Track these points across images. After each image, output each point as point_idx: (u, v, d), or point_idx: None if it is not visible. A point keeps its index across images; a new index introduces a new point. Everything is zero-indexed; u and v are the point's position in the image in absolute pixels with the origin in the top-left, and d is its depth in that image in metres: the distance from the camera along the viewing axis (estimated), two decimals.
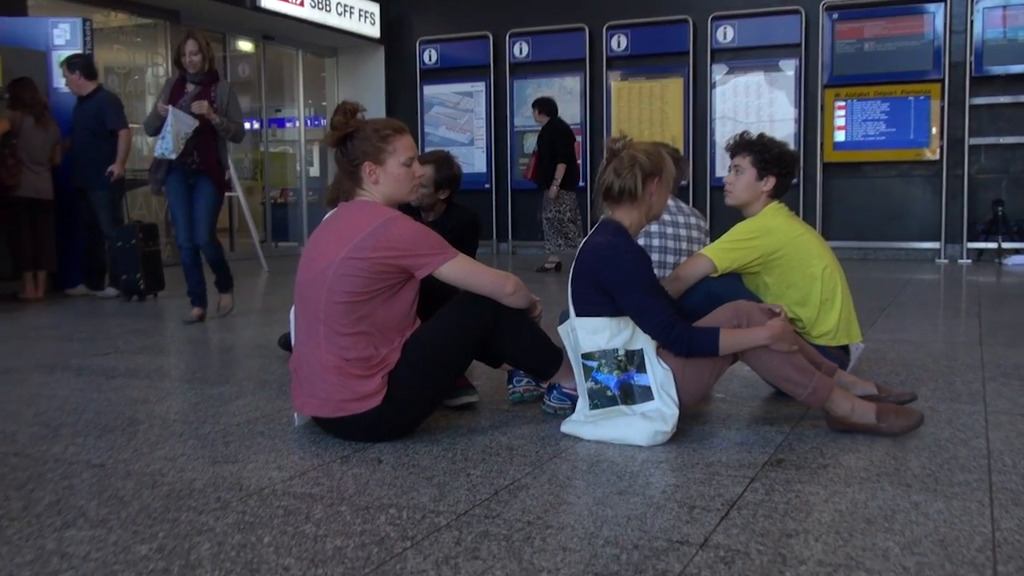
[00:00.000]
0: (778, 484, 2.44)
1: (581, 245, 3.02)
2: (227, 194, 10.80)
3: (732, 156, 3.65)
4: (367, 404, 2.78)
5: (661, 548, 1.99)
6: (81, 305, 6.97)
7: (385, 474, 2.55)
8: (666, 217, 3.87)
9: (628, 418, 2.84)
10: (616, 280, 2.87)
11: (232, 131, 5.82)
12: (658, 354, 2.89)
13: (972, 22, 10.18)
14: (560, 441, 2.88)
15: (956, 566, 1.89)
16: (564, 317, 3.15)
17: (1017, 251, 10.03)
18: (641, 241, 3.93)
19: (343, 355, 2.78)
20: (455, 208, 4.28)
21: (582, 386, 2.95)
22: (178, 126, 5.55)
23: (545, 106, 9.50)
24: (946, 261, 10.28)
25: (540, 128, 9.50)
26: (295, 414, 3.05)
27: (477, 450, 2.80)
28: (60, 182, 7.39)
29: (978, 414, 3.20)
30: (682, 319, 2.87)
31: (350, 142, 2.92)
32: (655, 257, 3.94)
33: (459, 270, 2.87)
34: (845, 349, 3.57)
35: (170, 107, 5.53)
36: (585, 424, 2.90)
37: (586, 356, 2.91)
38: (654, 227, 3.87)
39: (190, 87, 5.73)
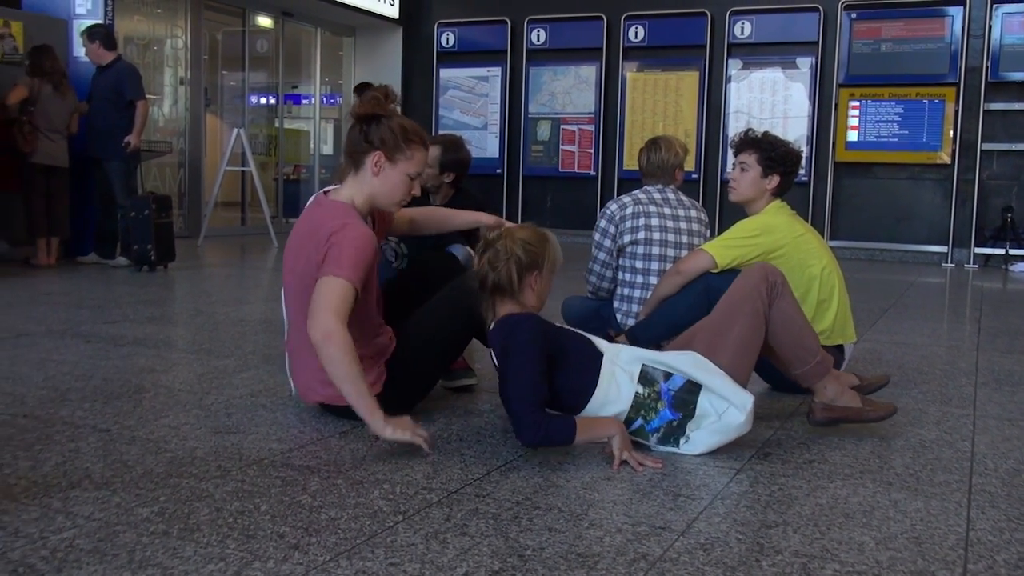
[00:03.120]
0: (763, 477, 2.51)
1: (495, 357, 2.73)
2: (240, 168, 10.97)
3: (737, 153, 3.71)
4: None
5: (643, 533, 2.06)
6: (92, 273, 7.06)
7: (381, 450, 2.62)
8: (666, 210, 3.93)
9: (719, 422, 2.64)
10: (512, 347, 2.60)
11: None
12: (665, 348, 2.91)
13: (990, 27, 10.17)
14: None
15: (928, 562, 1.95)
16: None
17: None
18: (641, 235, 3.96)
19: None
20: (463, 194, 4.34)
21: (650, 444, 2.68)
22: None
23: (362, 92, 9.88)
24: (952, 265, 10.30)
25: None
26: (293, 386, 3.11)
27: (472, 431, 2.87)
28: (76, 151, 7.47)
29: (967, 418, 3.26)
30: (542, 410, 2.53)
31: (374, 124, 2.81)
32: (655, 250, 3.97)
33: (323, 290, 2.64)
34: (840, 349, 3.63)
35: None
36: (686, 445, 2.66)
37: (628, 423, 2.66)
38: (654, 220, 3.92)
39: None
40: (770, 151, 3.62)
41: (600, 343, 2.79)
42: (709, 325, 2.90)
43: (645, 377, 2.67)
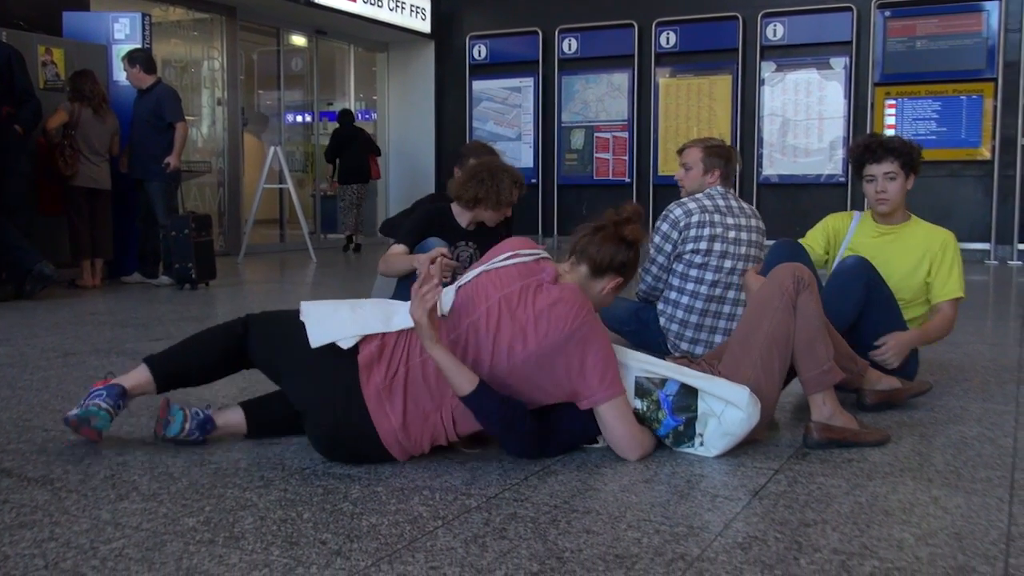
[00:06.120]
0: (801, 476, 2.51)
1: None
2: (278, 186, 11.14)
3: (876, 162, 3.61)
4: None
5: (681, 533, 2.07)
6: (136, 292, 7.18)
7: (420, 458, 2.64)
8: (729, 220, 3.82)
9: (721, 425, 2.65)
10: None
11: None
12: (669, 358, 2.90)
13: None
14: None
15: (968, 557, 1.94)
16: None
17: None
18: (703, 245, 3.83)
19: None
20: None
21: (669, 446, 2.75)
22: None
23: (342, 116, 11.82)
24: (996, 263, 10.17)
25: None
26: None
27: None
28: (117, 173, 7.62)
29: (1008, 414, 3.23)
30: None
31: (632, 252, 2.75)
32: (713, 261, 3.78)
33: (617, 417, 2.61)
34: (915, 356, 3.58)
35: None
36: (702, 448, 2.69)
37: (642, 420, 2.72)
38: (719, 230, 3.75)
39: None
40: (909, 155, 3.60)
41: None
42: (742, 324, 2.90)
43: (640, 389, 2.69)
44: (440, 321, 2.58)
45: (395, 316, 2.65)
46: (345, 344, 2.57)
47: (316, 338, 2.59)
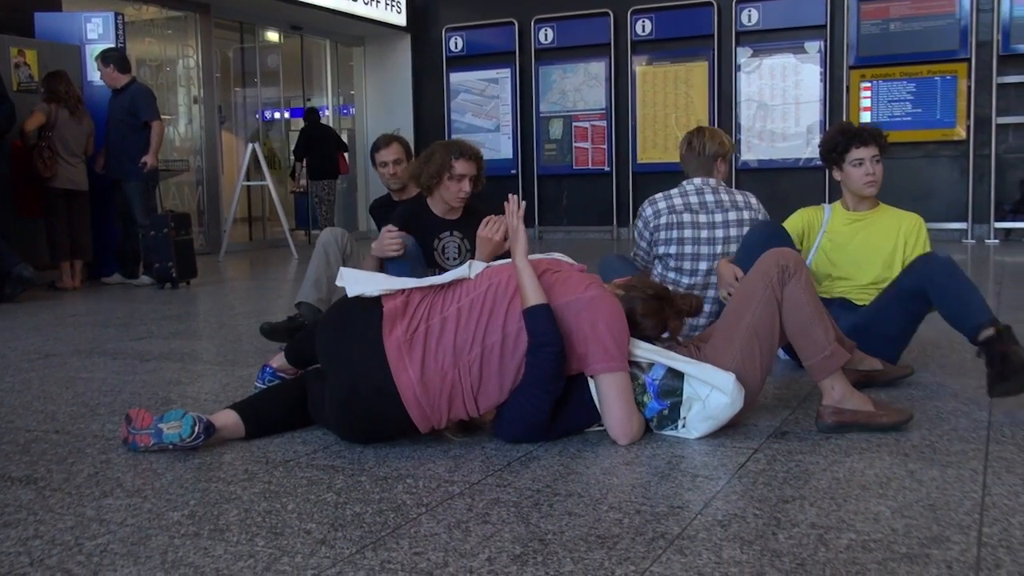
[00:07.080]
0: (780, 455, 2.54)
1: None
2: (258, 183, 11.11)
3: (859, 147, 3.66)
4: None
5: (662, 513, 2.10)
6: (116, 293, 7.16)
7: (404, 448, 2.66)
8: (701, 218, 3.74)
9: (705, 409, 2.67)
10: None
11: None
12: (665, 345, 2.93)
13: (999, 0, 10.11)
14: None
15: (943, 527, 1.98)
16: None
17: None
18: (673, 249, 3.74)
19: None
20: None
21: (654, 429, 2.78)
22: None
23: (308, 115, 12.03)
24: (973, 241, 10.26)
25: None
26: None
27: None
28: (93, 173, 7.58)
29: (984, 388, 3.26)
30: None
31: (659, 332, 2.92)
32: (687, 265, 3.79)
33: (616, 390, 2.68)
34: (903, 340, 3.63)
35: None
36: (684, 430, 2.72)
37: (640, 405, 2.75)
38: (688, 232, 3.74)
39: None
40: (883, 141, 3.73)
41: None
42: (726, 315, 2.91)
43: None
44: (465, 281, 2.80)
45: (430, 280, 2.86)
46: (370, 293, 2.77)
47: (352, 290, 2.81)
